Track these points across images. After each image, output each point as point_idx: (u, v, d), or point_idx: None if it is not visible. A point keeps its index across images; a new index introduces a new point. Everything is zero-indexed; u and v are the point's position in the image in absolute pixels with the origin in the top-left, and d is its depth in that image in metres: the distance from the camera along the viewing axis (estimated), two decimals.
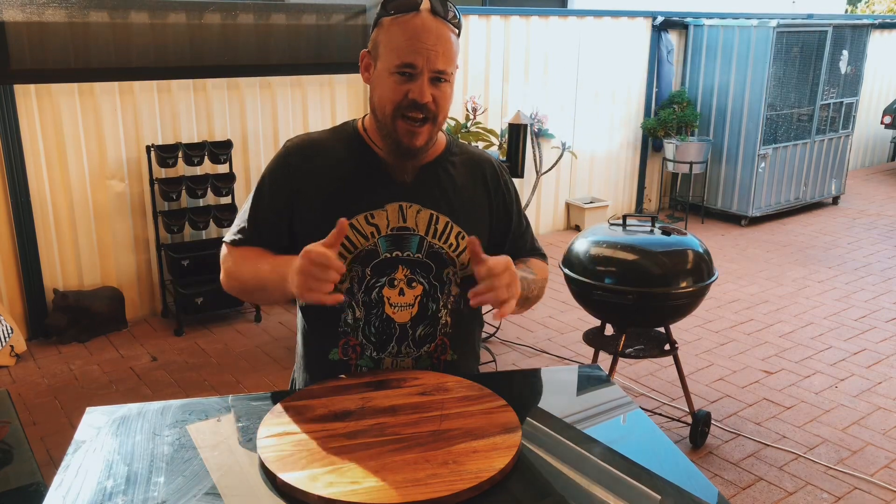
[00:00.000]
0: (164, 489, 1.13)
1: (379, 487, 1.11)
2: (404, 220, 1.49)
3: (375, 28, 1.42)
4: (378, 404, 1.35)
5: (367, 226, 1.47)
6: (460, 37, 1.44)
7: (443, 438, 1.24)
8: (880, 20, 8.48)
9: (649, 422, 1.43)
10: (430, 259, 1.51)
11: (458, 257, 1.53)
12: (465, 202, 1.55)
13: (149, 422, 1.33)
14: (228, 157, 4.31)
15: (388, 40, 1.39)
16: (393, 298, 1.50)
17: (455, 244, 1.52)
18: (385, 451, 1.20)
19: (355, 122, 1.56)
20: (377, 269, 1.49)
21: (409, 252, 1.50)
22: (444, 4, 1.40)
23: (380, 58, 1.41)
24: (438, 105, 1.41)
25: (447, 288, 1.54)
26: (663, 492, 1.19)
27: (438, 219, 1.51)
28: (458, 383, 1.42)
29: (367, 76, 1.46)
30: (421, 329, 1.53)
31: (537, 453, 1.25)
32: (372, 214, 1.48)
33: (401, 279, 1.50)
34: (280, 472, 1.14)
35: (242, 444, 1.26)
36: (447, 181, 1.54)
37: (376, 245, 1.48)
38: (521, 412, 1.34)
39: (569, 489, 1.17)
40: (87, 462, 1.21)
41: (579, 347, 4.03)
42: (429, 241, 1.50)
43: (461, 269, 1.54)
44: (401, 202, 1.49)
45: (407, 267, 1.50)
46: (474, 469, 1.16)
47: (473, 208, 1.57)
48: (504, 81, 5.69)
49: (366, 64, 1.46)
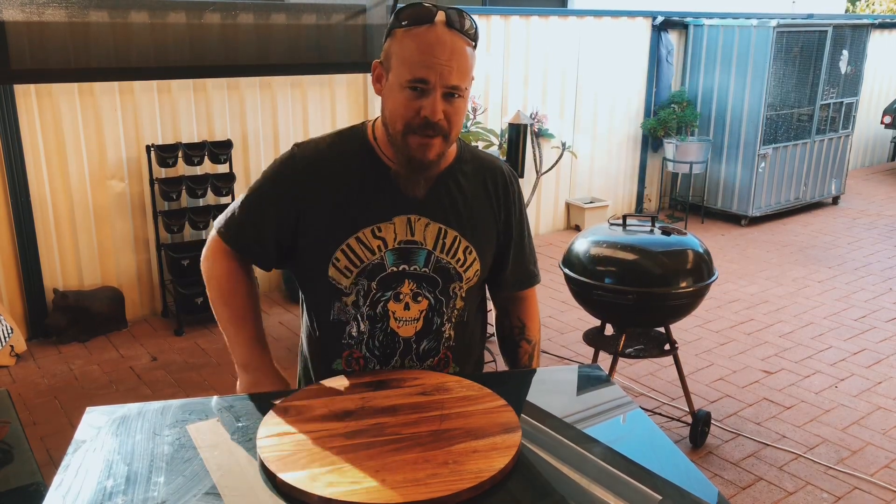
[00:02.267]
0: (164, 489, 1.13)
1: (379, 487, 1.11)
2: (412, 234, 1.45)
3: (388, 38, 1.36)
4: (378, 404, 1.35)
5: (373, 239, 1.44)
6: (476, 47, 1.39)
7: (443, 438, 1.24)
8: (880, 20, 8.48)
9: (649, 422, 1.43)
10: (437, 274, 1.48)
11: (465, 272, 1.51)
12: (473, 215, 1.52)
13: (149, 422, 1.33)
14: (228, 157, 4.31)
15: (400, 52, 1.33)
16: (398, 313, 1.48)
17: (463, 259, 1.49)
18: (385, 451, 1.20)
19: (364, 127, 1.51)
20: (383, 282, 1.46)
21: (416, 266, 1.47)
22: (461, 16, 1.33)
23: (392, 70, 1.35)
24: (451, 122, 1.36)
25: (452, 302, 1.52)
26: (663, 492, 1.19)
27: (447, 233, 1.48)
28: (458, 383, 1.42)
29: (378, 87, 1.41)
30: (425, 343, 1.52)
31: (537, 453, 1.25)
32: (379, 227, 1.44)
33: (406, 293, 1.48)
34: (280, 472, 1.14)
35: (242, 444, 1.26)
36: (457, 193, 1.50)
37: (383, 258, 1.45)
38: (521, 412, 1.34)
39: (569, 489, 1.17)
40: (87, 462, 1.21)
41: (579, 347, 4.03)
42: (436, 255, 1.47)
43: (467, 283, 1.52)
44: (409, 215, 1.46)
45: (413, 281, 1.47)
46: (474, 469, 1.15)
47: (482, 221, 1.53)
48: (504, 81, 5.69)
49: (377, 74, 1.40)
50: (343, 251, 1.44)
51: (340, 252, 1.44)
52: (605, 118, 6.38)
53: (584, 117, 6.24)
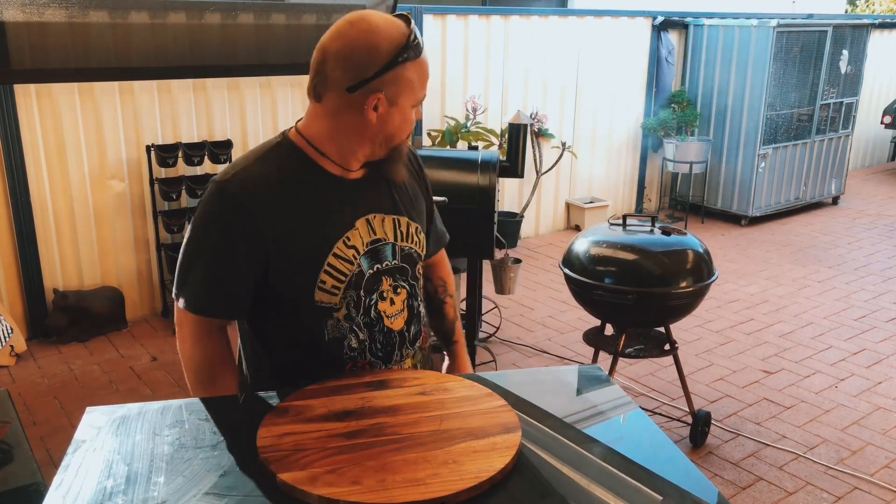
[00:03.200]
0: (164, 489, 1.13)
1: (379, 487, 1.11)
2: (374, 233, 1.48)
3: (392, 70, 1.36)
4: (378, 404, 1.35)
5: (347, 249, 1.44)
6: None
7: (443, 438, 1.24)
8: (880, 20, 8.48)
9: (649, 422, 1.43)
10: (405, 262, 1.54)
11: (422, 252, 1.60)
12: (410, 196, 1.60)
13: (149, 422, 1.33)
14: (228, 156, 4.31)
15: (410, 79, 1.39)
16: (388, 310, 1.51)
17: (418, 240, 1.58)
18: (385, 450, 1.20)
19: (287, 138, 1.46)
20: (367, 288, 1.48)
21: (387, 261, 1.50)
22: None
23: (401, 95, 1.39)
24: None
25: (419, 282, 1.59)
26: (663, 492, 1.19)
27: (400, 221, 1.54)
28: (458, 383, 1.42)
29: (374, 115, 1.39)
30: (413, 328, 1.57)
31: (537, 453, 1.25)
32: (348, 237, 1.44)
33: (388, 290, 1.51)
34: (280, 471, 1.14)
35: (242, 443, 1.26)
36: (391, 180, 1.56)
37: (360, 265, 1.46)
38: (521, 412, 1.34)
39: (569, 489, 1.17)
40: (87, 462, 1.21)
41: (579, 347, 4.03)
42: (399, 245, 1.52)
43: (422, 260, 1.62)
44: (366, 215, 1.48)
45: (389, 276, 1.51)
46: (474, 469, 1.16)
47: (416, 199, 1.62)
48: (504, 81, 5.69)
49: (375, 104, 1.38)
50: (326, 272, 1.42)
51: (324, 273, 1.42)
52: (605, 118, 6.38)
53: (585, 117, 6.24)
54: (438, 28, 5.30)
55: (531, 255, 5.68)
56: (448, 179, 3.21)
